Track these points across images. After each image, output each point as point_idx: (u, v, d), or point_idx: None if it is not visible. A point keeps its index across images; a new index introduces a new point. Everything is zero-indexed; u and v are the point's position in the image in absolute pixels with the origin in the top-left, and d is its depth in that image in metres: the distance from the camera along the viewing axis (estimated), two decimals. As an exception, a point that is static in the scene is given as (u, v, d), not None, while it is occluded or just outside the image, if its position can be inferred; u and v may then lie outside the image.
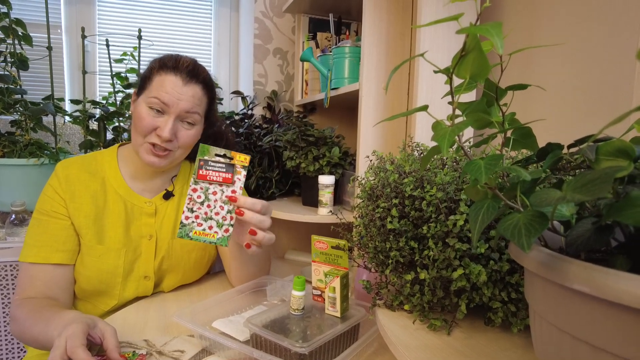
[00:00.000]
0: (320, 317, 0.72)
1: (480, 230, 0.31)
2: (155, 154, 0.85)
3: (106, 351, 0.64)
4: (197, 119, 0.88)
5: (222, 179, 0.70)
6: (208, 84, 0.89)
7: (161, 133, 0.83)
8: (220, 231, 0.70)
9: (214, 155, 0.71)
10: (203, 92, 0.88)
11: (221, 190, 0.71)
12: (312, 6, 1.44)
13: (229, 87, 1.92)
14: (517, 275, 0.50)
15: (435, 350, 0.48)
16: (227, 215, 0.70)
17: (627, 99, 0.70)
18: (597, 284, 0.24)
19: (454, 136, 0.32)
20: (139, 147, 0.86)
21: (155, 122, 0.83)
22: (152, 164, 0.86)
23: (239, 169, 0.71)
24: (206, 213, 0.70)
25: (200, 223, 0.70)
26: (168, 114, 0.84)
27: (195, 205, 0.70)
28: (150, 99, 0.83)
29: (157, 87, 0.83)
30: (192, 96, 0.84)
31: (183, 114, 0.85)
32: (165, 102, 0.82)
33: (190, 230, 0.69)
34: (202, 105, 0.88)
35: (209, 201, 0.70)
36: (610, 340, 0.25)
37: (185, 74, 0.84)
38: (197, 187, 0.70)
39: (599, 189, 0.24)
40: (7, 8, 1.29)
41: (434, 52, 0.89)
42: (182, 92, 0.83)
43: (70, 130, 1.67)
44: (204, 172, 0.70)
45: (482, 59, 0.32)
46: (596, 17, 0.75)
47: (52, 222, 0.85)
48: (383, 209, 0.57)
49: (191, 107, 0.85)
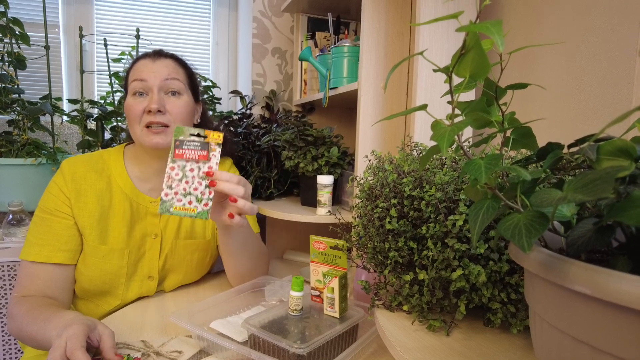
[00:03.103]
0: (319, 318, 0.72)
1: (479, 231, 0.31)
2: (155, 133, 0.87)
3: (102, 352, 0.64)
4: (180, 87, 0.91)
5: (197, 157, 0.72)
6: (178, 59, 0.95)
7: (150, 106, 0.86)
8: (200, 205, 0.72)
9: (188, 135, 0.72)
10: (175, 63, 0.93)
11: (198, 167, 0.72)
12: (311, 5, 1.44)
13: (228, 87, 1.92)
14: (517, 275, 0.50)
15: (434, 351, 0.48)
16: (206, 190, 0.72)
17: (627, 98, 0.70)
18: (598, 285, 0.24)
19: (453, 135, 0.32)
20: (140, 136, 0.88)
21: (142, 104, 0.87)
22: (156, 145, 0.87)
23: (214, 146, 0.73)
24: (185, 189, 0.72)
25: (180, 199, 0.71)
26: (151, 90, 0.88)
27: (173, 182, 0.71)
28: (131, 84, 0.89)
29: (133, 74, 0.90)
30: (165, 66, 0.90)
31: (163, 83, 0.88)
32: (143, 77, 0.88)
33: (170, 206, 0.71)
34: (179, 73, 0.92)
35: (187, 178, 0.72)
36: (611, 341, 0.24)
37: (152, 54, 0.92)
38: (175, 165, 0.72)
39: (600, 189, 0.24)
40: (5, 7, 1.29)
41: (433, 51, 0.88)
42: (154, 66, 0.89)
43: (68, 130, 1.66)
44: (180, 151, 0.72)
45: (482, 58, 0.31)
46: (596, 15, 0.75)
47: (55, 221, 0.85)
48: (382, 209, 0.57)
49: (168, 74, 0.89)
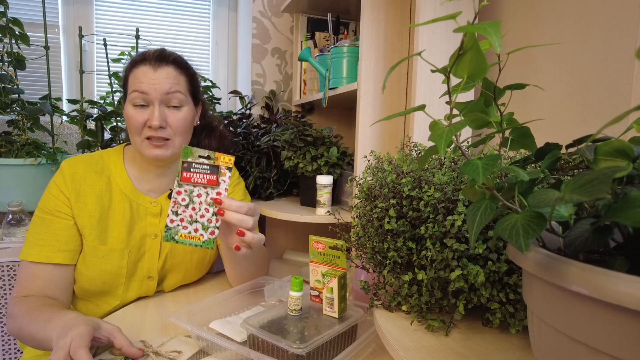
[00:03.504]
0: (318, 318, 0.72)
1: (478, 231, 0.31)
2: (155, 146, 0.86)
3: (121, 349, 0.66)
4: (181, 99, 0.88)
5: (206, 181, 0.69)
6: (180, 63, 0.91)
7: (151, 122, 0.84)
8: (206, 234, 0.69)
9: (197, 156, 0.69)
10: (177, 71, 0.89)
11: (206, 192, 0.69)
12: (311, 6, 1.44)
13: (227, 87, 1.92)
14: (516, 276, 0.50)
15: (433, 352, 0.48)
16: (213, 218, 0.69)
17: (625, 98, 0.70)
18: (596, 285, 0.24)
19: (452, 136, 0.32)
20: (140, 147, 0.87)
21: (143, 116, 0.85)
22: (156, 158, 0.86)
23: (224, 170, 0.70)
24: (191, 216, 0.69)
25: (186, 226, 0.69)
26: (152, 103, 0.85)
27: (180, 209, 0.69)
28: (131, 95, 0.86)
29: (132, 82, 0.86)
30: (166, 77, 0.86)
31: (165, 97, 0.86)
32: (144, 90, 0.84)
33: (175, 234, 0.69)
34: (180, 84, 0.89)
35: (194, 204, 0.69)
36: (608, 341, 0.25)
37: (153, 61, 0.87)
38: (181, 189, 0.69)
39: (597, 189, 0.24)
40: (4, 7, 1.29)
41: (432, 51, 0.88)
42: (155, 77, 0.85)
43: (68, 130, 1.66)
44: (188, 174, 0.69)
45: (480, 58, 0.31)
46: (594, 16, 0.75)
47: (55, 221, 0.85)
48: (381, 209, 0.57)
49: (169, 88, 0.86)
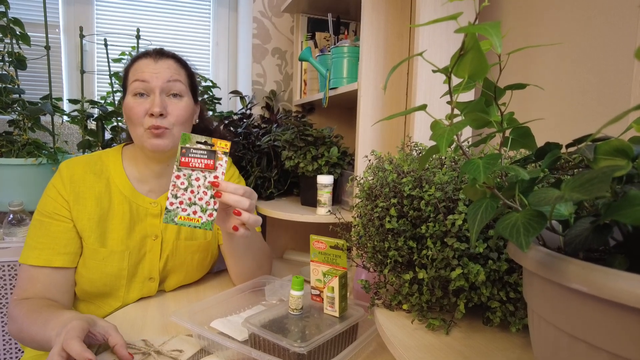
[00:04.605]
0: (319, 317, 0.72)
1: (478, 230, 0.31)
2: (156, 135, 0.86)
3: (114, 348, 0.65)
4: (181, 89, 0.89)
5: (204, 166, 0.72)
6: (179, 60, 0.93)
7: (152, 109, 0.84)
8: (205, 216, 0.72)
9: (195, 142, 0.72)
10: (177, 64, 0.91)
11: (204, 176, 0.72)
12: (311, 6, 1.44)
13: (228, 87, 1.92)
14: (516, 274, 0.50)
15: (434, 350, 0.48)
16: (211, 200, 0.72)
17: (625, 98, 0.70)
18: (596, 283, 0.24)
19: (452, 135, 0.32)
20: (141, 138, 0.87)
21: (144, 106, 0.86)
22: (157, 147, 0.86)
23: (221, 155, 0.72)
24: (190, 199, 0.71)
25: (185, 208, 0.71)
26: (152, 92, 0.86)
27: (179, 192, 0.71)
28: (132, 85, 0.87)
29: (133, 74, 0.88)
30: (167, 67, 0.88)
31: (165, 85, 0.87)
32: (145, 79, 0.86)
33: (175, 216, 0.71)
34: (181, 75, 0.91)
35: (192, 187, 0.72)
36: (608, 339, 0.25)
37: (154, 54, 0.89)
38: (180, 173, 0.71)
39: (597, 188, 0.24)
40: (5, 7, 1.29)
41: (433, 51, 0.89)
42: (156, 67, 0.87)
43: (69, 130, 1.66)
44: (186, 159, 0.72)
45: (481, 59, 0.32)
46: (594, 16, 0.75)
47: (54, 224, 0.84)
48: (382, 208, 0.57)
49: (170, 76, 0.87)
